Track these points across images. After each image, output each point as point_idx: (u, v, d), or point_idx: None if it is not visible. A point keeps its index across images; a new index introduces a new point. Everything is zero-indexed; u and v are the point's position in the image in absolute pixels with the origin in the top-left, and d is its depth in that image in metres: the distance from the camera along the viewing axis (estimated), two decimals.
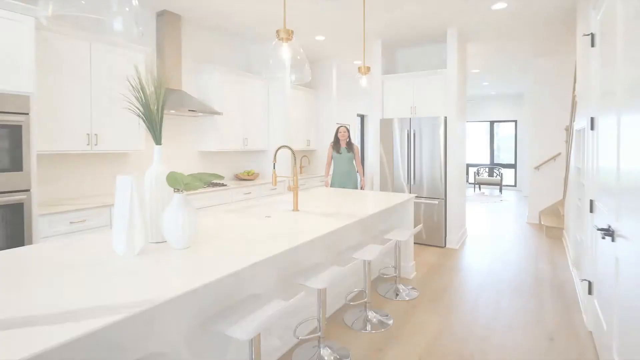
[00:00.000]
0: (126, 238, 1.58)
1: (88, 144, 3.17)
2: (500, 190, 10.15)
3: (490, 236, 5.36)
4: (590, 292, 2.54)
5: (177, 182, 1.64)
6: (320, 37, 4.98)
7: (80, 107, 3.12)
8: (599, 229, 1.95)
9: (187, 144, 4.45)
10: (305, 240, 1.90)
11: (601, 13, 2.31)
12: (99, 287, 1.24)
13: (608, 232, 1.85)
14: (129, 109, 1.86)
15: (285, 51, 2.23)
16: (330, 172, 4.88)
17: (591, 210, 2.51)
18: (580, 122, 3.23)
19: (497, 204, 8.31)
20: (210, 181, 1.77)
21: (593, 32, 2.50)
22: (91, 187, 3.50)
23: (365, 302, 2.75)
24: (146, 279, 1.33)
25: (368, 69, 3.27)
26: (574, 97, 4.02)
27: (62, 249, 1.70)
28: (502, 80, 8.40)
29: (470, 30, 4.72)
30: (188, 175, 1.74)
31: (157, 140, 1.84)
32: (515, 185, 10.84)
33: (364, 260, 2.69)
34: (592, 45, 2.50)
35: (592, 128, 2.51)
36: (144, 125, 3.36)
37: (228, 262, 1.53)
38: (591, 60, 2.54)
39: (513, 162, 10.90)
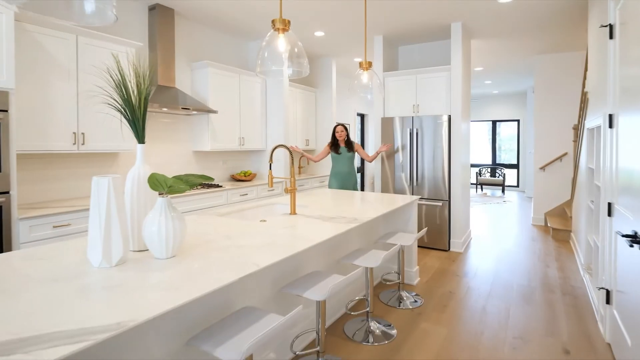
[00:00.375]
0: (102, 247, 1.41)
1: (74, 144, 3.00)
2: (503, 191, 9.99)
3: (495, 239, 5.19)
4: (608, 302, 2.38)
5: (160, 185, 1.48)
6: (319, 33, 4.82)
7: (66, 104, 2.95)
8: (623, 235, 1.78)
9: (181, 143, 4.28)
10: (303, 249, 1.73)
11: (621, 2, 2.15)
12: (66, 307, 1.07)
13: (635, 240, 1.68)
14: (109, 103, 1.69)
15: (281, 42, 2.07)
16: (327, 169, 4.67)
17: (609, 214, 2.34)
18: (594, 120, 3.07)
19: (500, 205, 8.15)
20: (197, 183, 1.60)
21: (611, 23, 2.33)
22: (77, 189, 3.33)
23: (367, 312, 2.58)
24: (122, 296, 1.16)
25: (370, 64, 3.10)
26: (584, 94, 3.86)
27: (33, 259, 1.53)
28: (505, 79, 8.23)
29: (475, 25, 4.55)
30: (172, 177, 1.57)
31: (140, 138, 1.68)
32: (517, 186, 10.69)
33: (366, 268, 2.52)
34: (611, 37, 2.34)
35: (610, 126, 2.35)
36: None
37: (217, 274, 1.36)
38: (609, 53, 2.37)
39: (515, 162, 10.75)
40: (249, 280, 1.93)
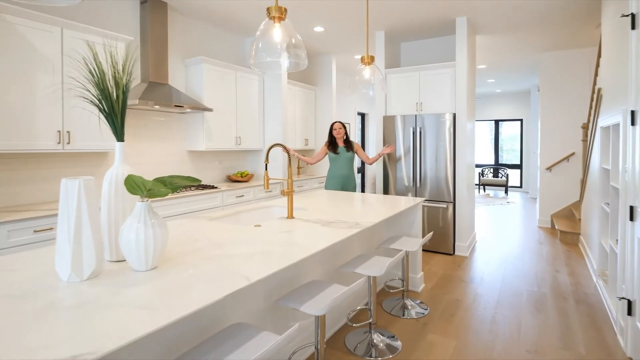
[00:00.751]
0: (72, 259, 1.24)
1: (59, 143, 2.83)
2: (506, 192, 9.82)
3: (501, 241, 5.02)
4: (630, 313, 2.21)
5: (138, 188, 1.30)
6: (319, 28, 4.64)
7: (50, 101, 2.77)
8: None
9: (175, 142, 4.11)
10: (299, 259, 1.56)
11: None
12: (17, 333, 0.90)
13: None
14: (84, 97, 1.52)
15: (277, 32, 1.90)
16: (325, 170, 4.44)
17: (632, 219, 2.17)
18: (610, 118, 2.90)
19: (504, 206, 7.98)
20: (182, 186, 1.43)
21: (634, 12, 2.17)
22: None
23: (370, 323, 2.41)
24: (88, 317, 0.99)
25: (372, 58, 2.94)
26: (597, 90, 3.69)
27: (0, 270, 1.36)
28: (509, 77, 8.07)
29: (481, 20, 4.38)
30: (154, 179, 1.40)
31: (118, 135, 1.51)
32: (521, 187, 10.51)
33: (369, 277, 2.35)
34: (633, 27, 2.17)
35: (633, 123, 2.18)
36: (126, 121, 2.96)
37: (201, 289, 1.19)
38: (631, 44, 2.20)
39: (518, 163, 10.58)
40: (241, 293, 1.76)
